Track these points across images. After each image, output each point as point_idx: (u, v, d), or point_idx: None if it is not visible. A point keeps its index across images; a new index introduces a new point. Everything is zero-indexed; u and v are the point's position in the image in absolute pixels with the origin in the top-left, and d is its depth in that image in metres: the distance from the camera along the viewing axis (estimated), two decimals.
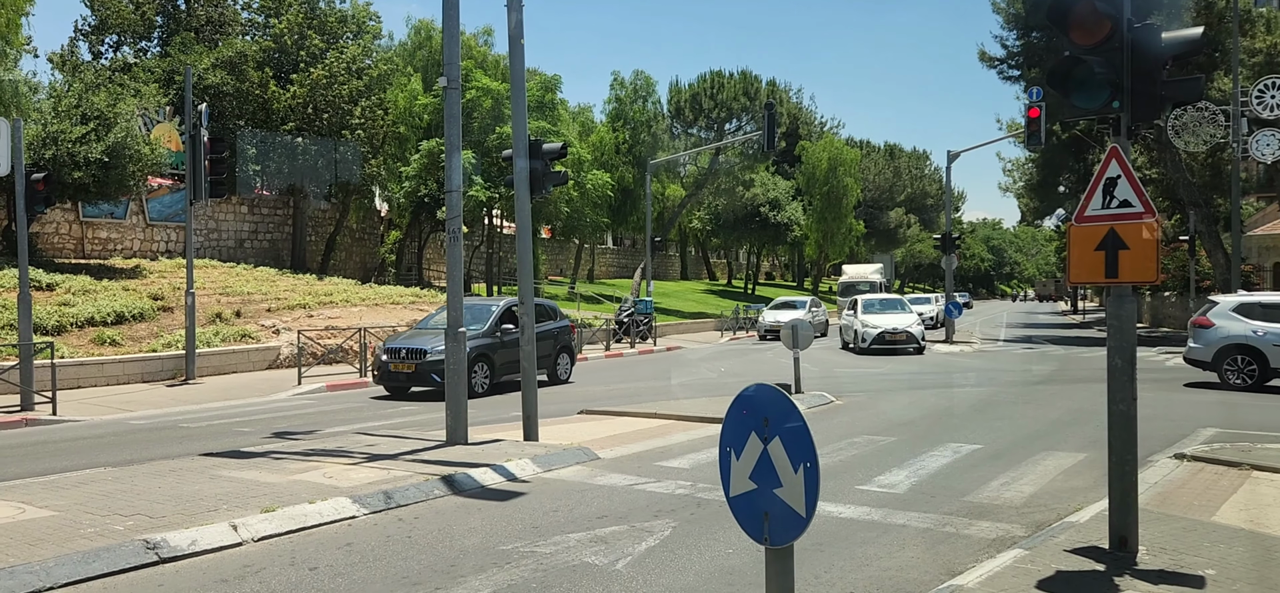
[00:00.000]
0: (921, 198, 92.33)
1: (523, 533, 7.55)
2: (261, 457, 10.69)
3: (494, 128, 39.51)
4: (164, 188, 34.23)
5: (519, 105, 12.40)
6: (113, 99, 28.87)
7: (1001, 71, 43.79)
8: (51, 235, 30.94)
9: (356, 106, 37.32)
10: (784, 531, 4.04)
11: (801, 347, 16.23)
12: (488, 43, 47.49)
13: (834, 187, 69.62)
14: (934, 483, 9.41)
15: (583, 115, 55.89)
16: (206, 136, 20.53)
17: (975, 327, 47.67)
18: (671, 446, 11.79)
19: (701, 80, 63.92)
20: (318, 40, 37.90)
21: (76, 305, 23.70)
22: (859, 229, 75.67)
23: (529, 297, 12.43)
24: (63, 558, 6.50)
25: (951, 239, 36.21)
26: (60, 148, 26.46)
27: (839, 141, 75.73)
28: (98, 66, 39.85)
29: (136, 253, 33.32)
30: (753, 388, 4.14)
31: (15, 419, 15.40)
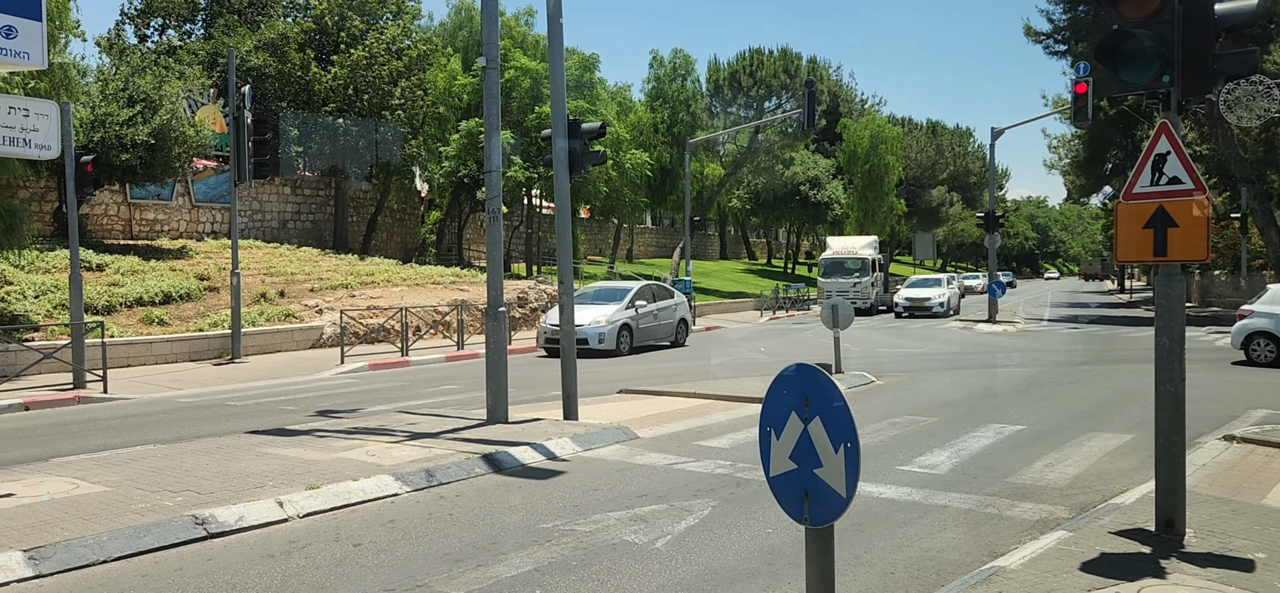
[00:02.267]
0: (964, 176, 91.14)
1: (563, 511, 7.60)
2: (306, 435, 10.85)
3: (533, 107, 39.58)
4: (209, 170, 34.71)
5: (558, 85, 12.40)
6: (158, 82, 29.29)
7: (1047, 46, 43.05)
8: (101, 217, 31.52)
9: (396, 87, 37.55)
10: (824, 511, 4.02)
11: (842, 326, 16.13)
12: (527, 23, 47.54)
13: (875, 165, 68.92)
14: (976, 464, 9.32)
15: (621, 94, 55.79)
16: (250, 118, 20.77)
17: (1018, 306, 47.06)
18: (711, 425, 11.79)
19: (741, 58, 63.49)
20: (358, 21, 38.15)
21: (125, 286, 24.16)
22: (900, 208, 74.88)
23: (569, 276, 12.45)
24: (115, 533, 6.65)
25: (995, 217, 35.71)
26: (108, 130, 26.92)
27: (880, 119, 74.89)
28: (144, 50, 40.45)
29: (183, 234, 33.86)
30: (793, 368, 4.12)
31: (68, 397, 15.76)
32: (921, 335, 28.41)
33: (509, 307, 28.50)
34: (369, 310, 25.89)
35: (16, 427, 13.06)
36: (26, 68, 7.79)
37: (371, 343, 24.11)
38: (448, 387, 16.86)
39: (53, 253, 25.30)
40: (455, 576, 6.04)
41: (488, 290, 11.90)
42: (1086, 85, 25.81)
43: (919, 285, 41.40)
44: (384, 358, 21.65)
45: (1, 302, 21.21)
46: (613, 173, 41.30)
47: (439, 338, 26.03)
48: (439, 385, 17.18)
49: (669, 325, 24.47)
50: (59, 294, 22.01)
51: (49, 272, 24.14)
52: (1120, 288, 74.00)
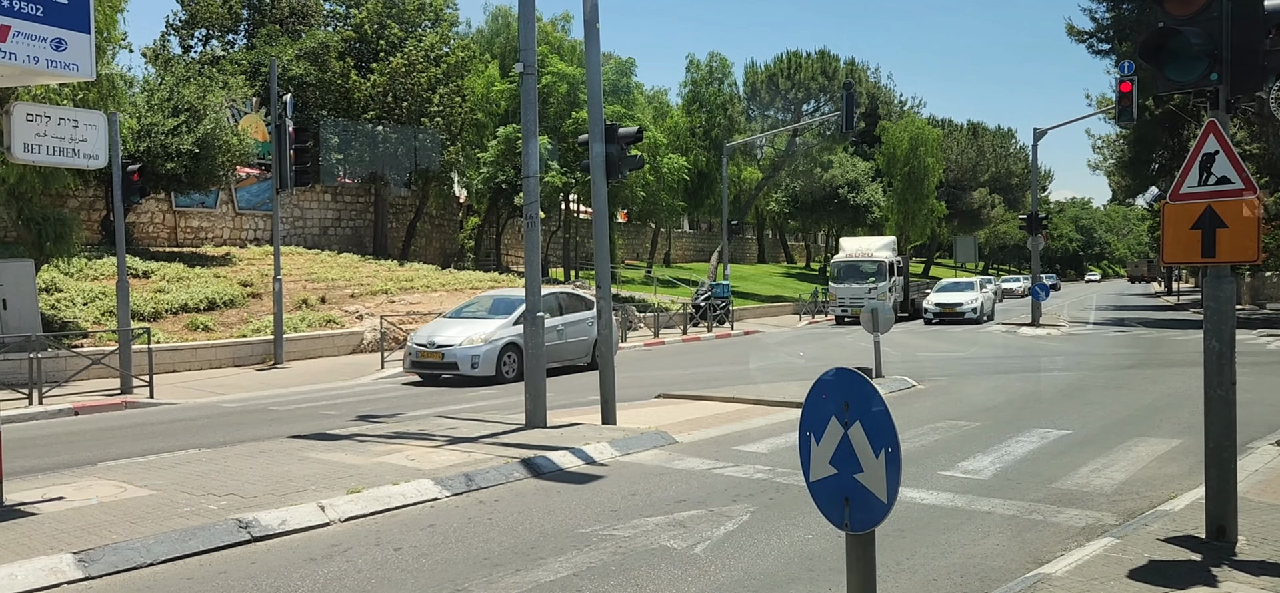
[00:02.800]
0: (1006, 177, 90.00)
1: (601, 516, 7.59)
2: (347, 439, 10.95)
3: (570, 113, 39.68)
4: (251, 177, 35.21)
5: (594, 90, 12.42)
6: (202, 91, 29.76)
7: (1091, 45, 42.44)
8: (147, 225, 32.08)
9: (435, 94, 37.85)
10: (865, 516, 3.98)
11: (882, 330, 15.99)
12: (564, 29, 47.65)
13: (914, 167, 68.28)
14: (1020, 469, 9.19)
15: (658, 99, 55.74)
16: (291, 127, 21.04)
17: (1063, 309, 46.40)
18: (750, 430, 11.73)
19: (778, 61, 63.25)
20: (397, 29, 38.52)
21: (171, 292, 24.56)
22: (940, 210, 74.12)
23: (606, 280, 12.47)
24: (162, 536, 6.75)
25: (1038, 219, 35.24)
26: (154, 140, 27.39)
27: (920, 120, 74.20)
28: (188, 60, 41.11)
29: (226, 241, 34.38)
30: (832, 372, 4.08)
31: (116, 402, 16.04)
32: (963, 339, 28.11)
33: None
34: (408, 316, 26.09)
35: (67, 431, 13.31)
36: (76, 79, 7.94)
37: None
38: (486, 391, 16.94)
39: (101, 261, 25.79)
40: (494, 580, 6.06)
41: (526, 296, 11.94)
42: (1131, 84, 25.40)
43: (950, 290, 39.36)
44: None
45: (51, 309, 21.65)
46: (650, 177, 41.29)
47: None
48: (478, 390, 17.27)
49: (581, 343, 20.12)
50: (107, 301, 22.42)
51: (97, 279, 24.61)
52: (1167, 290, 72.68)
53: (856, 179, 65.08)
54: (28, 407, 14.99)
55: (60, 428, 13.67)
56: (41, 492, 8.16)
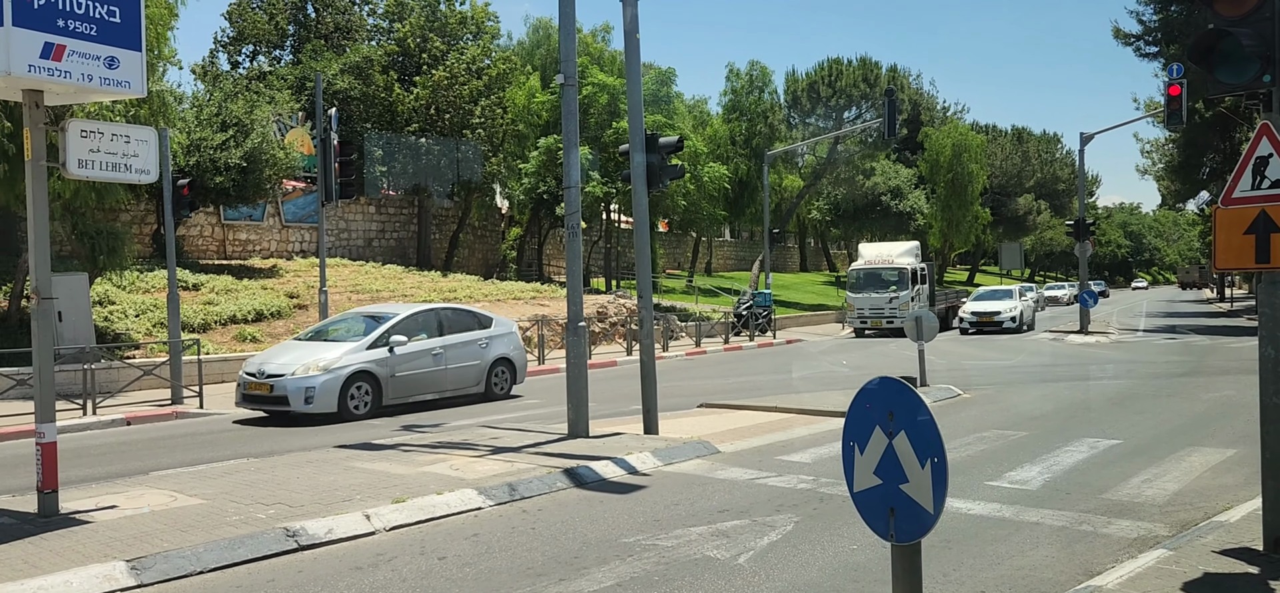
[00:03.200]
0: (1052, 183, 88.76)
1: (644, 526, 7.59)
2: (391, 449, 11.05)
3: (610, 123, 39.83)
4: (298, 190, 35.72)
5: (635, 100, 12.45)
6: (249, 106, 30.27)
7: (1138, 48, 41.74)
8: (196, 238, 32.66)
9: (477, 106, 38.17)
10: (911, 527, 3.94)
11: (926, 338, 15.83)
12: (604, 39, 47.93)
13: (958, 173, 67.58)
14: (1069, 479, 9.04)
15: (698, 108, 55.80)
16: (336, 140, 21.31)
17: (1112, 316, 45.62)
18: (793, 439, 11.66)
19: (819, 69, 62.92)
20: (439, 42, 38.91)
21: (220, 304, 24.97)
22: (985, 217, 73.28)
23: (648, 290, 12.48)
24: (211, 544, 6.85)
25: (1085, 225, 34.70)
26: (202, 154, 27.89)
27: (963, 126, 73.46)
28: (235, 76, 41.86)
29: (273, 253, 34.88)
30: (876, 381, 4.05)
31: (166, 412, 16.32)
32: (1009, 347, 27.74)
33: (589, 321, 28.65)
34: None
35: (119, 441, 13.57)
36: (128, 96, 8.11)
37: None
38: (529, 401, 17.01)
39: (152, 273, 26.29)
40: (538, 590, 6.07)
41: (568, 305, 11.99)
42: (1180, 87, 24.94)
43: (987, 298, 37.48)
44: None
45: (105, 321, 22.11)
46: (691, 186, 41.31)
47: None
48: (521, 400, 17.34)
49: (469, 370, 16.58)
50: (158, 313, 22.84)
51: (148, 291, 25.09)
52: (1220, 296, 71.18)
53: (899, 186, 64.55)
54: (82, 417, 15.30)
55: (113, 438, 13.93)
56: (96, 501, 8.33)
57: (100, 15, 7.43)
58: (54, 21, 7.14)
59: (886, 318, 33.97)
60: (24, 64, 7.00)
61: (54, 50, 7.16)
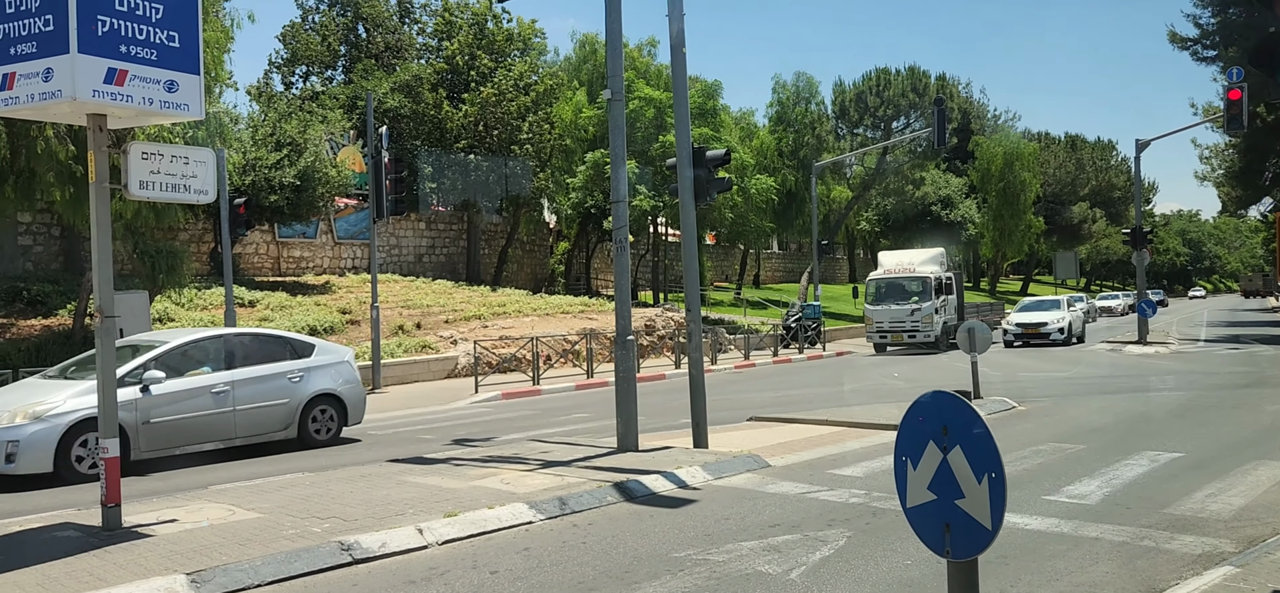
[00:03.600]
0: (1107, 190, 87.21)
1: (695, 540, 7.56)
2: (443, 463, 11.14)
3: (657, 136, 39.91)
4: (350, 208, 36.27)
5: (681, 113, 12.47)
6: (303, 126, 30.84)
7: (1195, 52, 40.86)
8: (252, 256, 33.29)
9: (524, 122, 38.49)
10: (967, 543, 3.87)
11: (979, 350, 15.61)
12: (650, 53, 48.02)
13: (1010, 182, 66.72)
14: (1129, 494, 8.84)
15: (745, 120, 55.69)
16: (387, 158, 21.63)
17: (1172, 326, 44.61)
18: (845, 453, 11.55)
19: (866, 79, 62.56)
20: (487, 60, 39.32)
21: (274, 320, 25.40)
22: (1038, 226, 72.23)
23: (695, 303, 12.46)
24: (268, 558, 6.96)
25: (1142, 233, 34.02)
26: (258, 174, 28.45)
27: (1014, 135, 72.57)
28: (289, 96, 42.68)
29: (326, 270, 35.43)
30: (929, 394, 4.00)
31: None
32: (1066, 359, 27.26)
33: (637, 335, 28.70)
34: (501, 341, 26.47)
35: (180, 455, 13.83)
36: (186, 119, 8.31)
37: (504, 372, 24.64)
38: (578, 415, 17.06)
39: (210, 290, 26.84)
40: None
41: (616, 319, 12.01)
42: (1240, 91, 24.40)
43: (1033, 309, 35.88)
44: (516, 387, 22.08)
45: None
46: (738, 199, 41.22)
47: (569, 367, 26.40)
48: (570, 414, 17.39)
49: (272, 411, 13.19)
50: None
51: (206, 308, 25.61)
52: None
53: (950, 195, 63.85)
54: None
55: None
56: (157, 514, 8.50)
57: (160, 40, 7.62)
58: (116, 47, 7.33)
59: (908, 331, 31.82)
60: (88, 89, 7.19)
61: (117, 75, 7.35)
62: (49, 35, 7.17)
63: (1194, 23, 40.47)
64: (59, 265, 27.58)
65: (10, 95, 7.41)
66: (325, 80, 46.30)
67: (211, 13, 20.35)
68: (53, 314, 23.07)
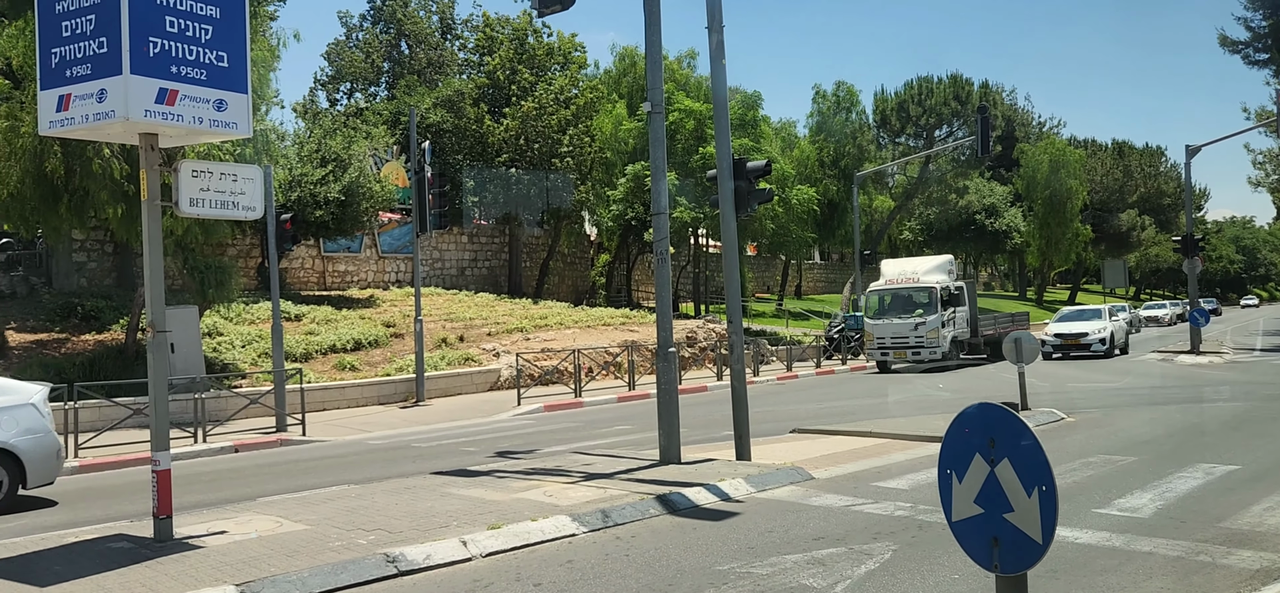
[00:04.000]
0: (1157, 197, 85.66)
1: (738, 553, 7.52)
2: (486, 476, 11.20)
3: (697, 148, 39.93)
4: (393, 222, 36.68)
5: (722, 125, 12.45)
6: (347, 142, 31.27)
7: (1247, 56, 40.14)
8: (298, 270, 33.76)
9: (565, 135, 38.70)
10: (1017, 558, 3.81)
11: (1026, 361, 15.38)
12: (690, 65, 48.12)
13: (1056, 190, 65.79)
14: (1183, 507, 8.65)
15: (785, 130, 55.54)
16: (429, 172, 21.86)
17: (1226, 335, 43.66)
18: (890, 465, 11.43)
19: (908, 87, 62.13)
20: (527, 74, 39.61)
21: (320, 334, 25.74)
22: (1086, 234, 71.12)
23: (737, 314, 12.43)
24: (315, 569, 7.03)
25: (1193, 241, 33.35)
26: (303, 189, 28.88)
27: (1060, 142, 71.59)
28: (334, 113, 43.31)
29: (370, 284, 35.84)
30: (975, 406, 3.95)
31: (272, 439, 16.86)
32: (1116, 369, 26.78)
33: (678, 347, 28.65)
34: (543, 353, 26.59)
35: (228, 468, 14.06)
36: (235, 137, 8.46)
37: (546, 385, 24.73)
38: (620, 427, 17.06)
39: (257, 305, 27.26)
40: None
41: (657, 331, 12.00)
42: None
43: (1073, 319, 34.19)
44: (558, 399, 22.14)
45: (213, 352, 22.99)
46: (779, 210, 41.10)
47: (611, 379, 26.44)
48: (612, 426, 17.41)
49: None
50: (262, 343, 23.66)
51: (253, 322, 26.01)
52: None
53: (994, 204, 63.13)
54: (193, 445, 15.92)
55: (222, 465, 14.45)
56: (207, 526, 8.64)
57: (210, 61, 7.77)
58: (168, 68, 7.49)
59: (912, 348, 28.49)
60: (140, 109, 7.35)
61: (168, 95, 7.51)
62: (103, 57, 7.35)
63: (1245, 26, 39.77)
64: (112, 281, 28.18)
65: (66, 116, 7.60)
66: (369, 97, 46.94)
67: (258, 32, 20.74)
68: (106, 329, 23.58)
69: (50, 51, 7.67)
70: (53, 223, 20.43)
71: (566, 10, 12.04)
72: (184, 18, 7.57)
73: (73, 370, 19.47)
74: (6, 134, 18.69)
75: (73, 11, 7.51)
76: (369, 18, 49.98)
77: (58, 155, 18.65)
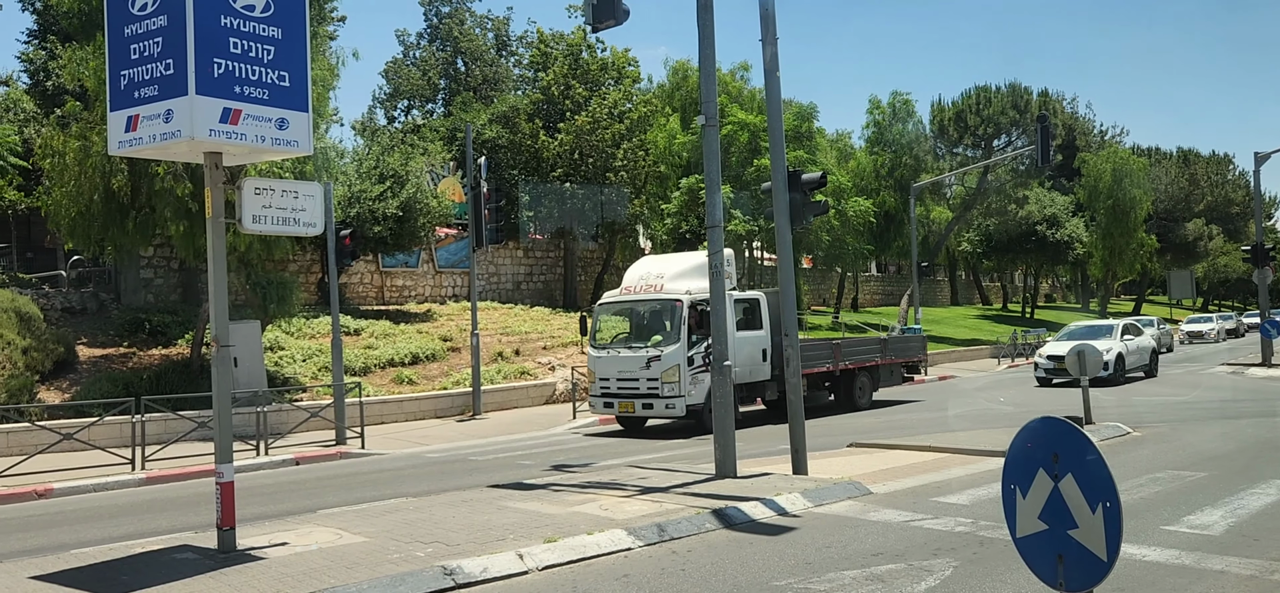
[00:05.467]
0: (1225, 206, 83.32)
1: (795, 569, 7.45)
2: (542, 489, 11.24)
3: (751, 160, 39.81)
4: (450, 237, 37.08)
5: (776, 138, 12.40)
6: (404, 158, 31.72)
7: None
8: (356, 285, 34.28)
9: (619, 149, 38.84)
10: (1082, 575, 3.73)
11: (1089, 374, 15.05)
12: (743, 78, 48.01)
13: (1119, 199, 64.29)
14: (1257, 524, 8.38)
15: (841, 141, 55.13)
16: (485, 188, 22.07)
17: None
18: (949, 480, 11.25)
19: (965, 97, 61.16)
20: (581, 89, 39.86)
21: (378, 348, 26.08)
22: (1151, 244, 69.38)
23: (793, 327, 12.34)
24: (374, 582, 7.11)
25: (1264, 250, 32.40)
26: (362, 206, 29.35)
27: (1123, 151, 70.00)
28: (392, 130, 43.99)
29: (427, 298, 36.26)
30: (1039, 420, 3.88)
31: (331, 452, 17.12)
32: (1184, 382, 26.09)
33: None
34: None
35: (289, 480, 14.30)
36: (296, 154, 8.63)
37: None
38: (676, 440, 17.01)
39: (317, 319, 27.73)
40: None
41: (712, 345, 11.96)
42: None
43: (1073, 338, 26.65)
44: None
45: (275, 366, 23.42)
46: (835, 221, 40.78)
47: None
48: (667, 439, 17.36)
49: None
50: (323, 358, 24.05)
51: (314, 337, 26.46)
52: None
53: (1055, 215, 61.92)
54: (255, 457, 16.22)
55: (283, 477, 14.69)
56: (268, 537, 8.78)
57: (272, 80, 7.94)
58: (232, 88, 7.67)
59: (643, 397, 17.94)
60: (205, 129, 7.54)
61: (232, 115, 7.68)
62: (169, 79, 7.55)
63: None
64: (178, 297, 28.87)
65: (134, 136, 7.81)
66: (426, 113, 47.63)
67: (319, 52, 21.17)
68: (172, 344, 24.15)
69: (119, 73, 7.89)
70: (119, 240, 21.01)
71: (619, 25, 12.09)
72: (247, 39, 7.75)
73: (139, 384, 19.97)
74: (78, 154, 19.29)
75: (141, 35, 7.73)
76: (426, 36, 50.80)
77: (124, 174, 19.19)
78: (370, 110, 49.29)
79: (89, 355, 22.70)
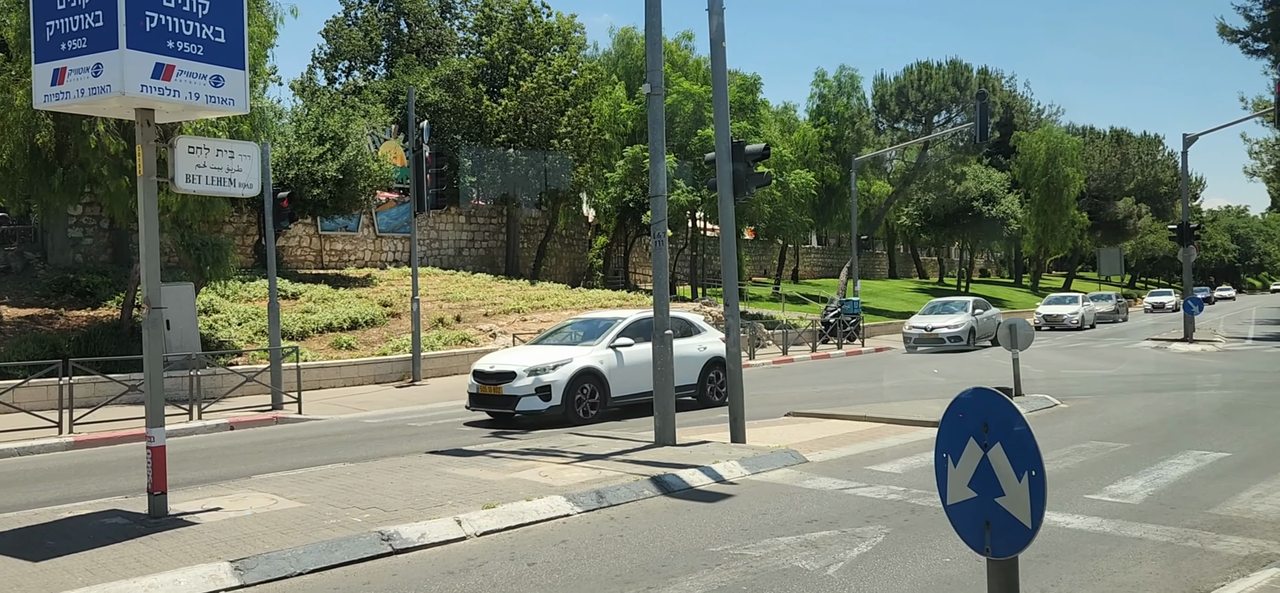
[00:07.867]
0: (1154, 186, 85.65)
1: (732, 535, 7.55)
2: (482, 455, 11.22)
3: (696, 131, 39.85)
4: (391, 201, 36.60)
5: (721, 109, 12.44)
6: (345, 120, 31.16)
7: (1245, 45, 40.01)
8: (294, 249, 33.70)
9: (563, 116, 38.60)
10: (1007, 541, 3.85)
11: (1021, 347, 15.42)
12: (688, 47, 47.94)
13: (1053, 177, 65.78)
14: (1174, 493, 8.70)
15: (785, 114, 55.40)
16: (428, 152, 21.80)
17: (1219, 324, 43.78)
18: (883, 449, 11.48)
19: (908, 72, 62.00)
20: (526, 54, 39.46)
21: (317, 313, 25.71)
22: (1082, 221, 71.14)
23: (734, 298, 12.43)
24: (310, 547, 7.06)
25: (1189, 230, 33.40)
26: (301, 167, 28.80)
27: (1058, 129, 71.52)
28: (332, 91, 43.11)
29: (367, 263, 35.80)
30: (970, 392, 3.97)
31: (267, 418, 16.87)
32: (1110, 357, 26.87)
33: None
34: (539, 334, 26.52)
35: (223, 445, 14.08)
36: (232, 113, 8.44)
37: None
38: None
39: (253, 283, 27.23)
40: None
41: (653, 313, 12.02)
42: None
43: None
44: None
45: (209, 329, 22.96)
46: (777, 193, 41.02)
47: None
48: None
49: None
50: (258, 321, 23.64)
51: (250, 300, 25.99)
52: None
53: (991, 191, 63.11)
54: (188, 422, 15.93)
55: (217, 442, 14.46)
56: (201, 503, 8.66)
57: (206, 36, 7.75)
58: (164, 43, 7.46)
59: None
60: (137, 84, 7.33)
61: (164, 70, 7.48)
62: (98, 31, 7.32)
63: (1244, 15, 39.66)
64: (108, 257, 28.13)
65: (61, 90, 7.57)
66: (367, 75, 46.74)
67: (255, 8, 20.62)
68: (101, 305, 23.55)
69: (45, 24, 7.63)
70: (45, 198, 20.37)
71: None
72: None
73: (67, 346, 19.46)
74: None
75: None
76: None
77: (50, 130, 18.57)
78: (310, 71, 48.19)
79: (13, 316, 22.03)
